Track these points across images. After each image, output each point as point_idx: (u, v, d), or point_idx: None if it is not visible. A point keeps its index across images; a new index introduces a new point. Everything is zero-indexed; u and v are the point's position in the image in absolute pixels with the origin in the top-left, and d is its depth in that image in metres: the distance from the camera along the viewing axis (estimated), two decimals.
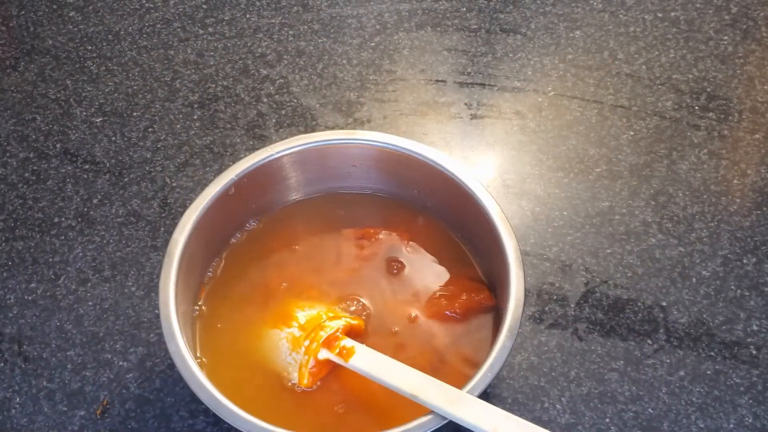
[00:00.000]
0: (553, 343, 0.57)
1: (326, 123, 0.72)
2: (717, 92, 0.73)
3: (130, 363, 0.56)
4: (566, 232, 0.63)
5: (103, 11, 0.83)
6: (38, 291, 0.60)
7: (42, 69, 0.77)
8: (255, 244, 0.57)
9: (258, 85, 0.75)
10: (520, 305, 0.47)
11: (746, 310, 0.58)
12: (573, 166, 0.68)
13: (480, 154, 0.69)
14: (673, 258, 0.61)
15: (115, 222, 0.64)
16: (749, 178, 0.67)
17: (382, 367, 0.47)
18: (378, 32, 0.80)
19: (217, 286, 0.55)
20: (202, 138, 0.70)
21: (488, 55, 0.77)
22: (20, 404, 0.54)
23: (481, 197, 0.52)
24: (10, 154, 0.70)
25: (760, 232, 0.63)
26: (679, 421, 0.53)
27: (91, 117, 0.73)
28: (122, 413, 0.54)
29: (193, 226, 0.51)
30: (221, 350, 0.52)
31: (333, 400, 0.49)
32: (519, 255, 0.49)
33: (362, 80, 0.75)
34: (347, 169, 0.58)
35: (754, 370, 0.55)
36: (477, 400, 0.43)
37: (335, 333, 0.50)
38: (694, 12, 0.81)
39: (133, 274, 0.61)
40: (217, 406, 0.43)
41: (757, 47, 0.78)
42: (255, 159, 0.54)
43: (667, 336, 0.57)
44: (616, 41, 0.78)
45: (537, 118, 0.72)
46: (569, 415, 0.53)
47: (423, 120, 0.72)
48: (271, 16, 0.82)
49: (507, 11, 0.81)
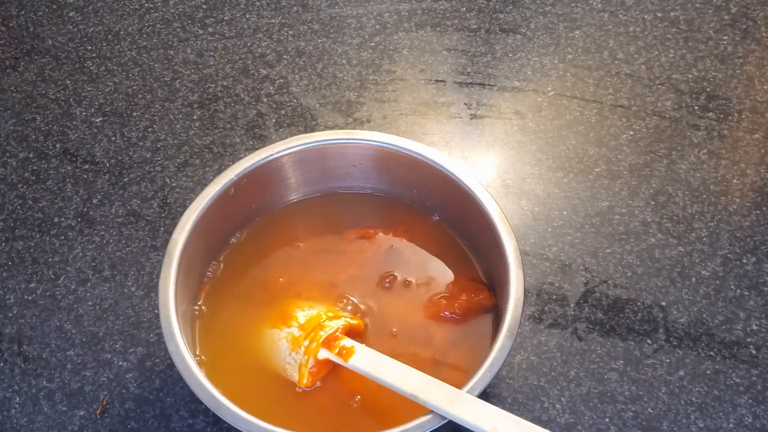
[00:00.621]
0: (552, 342, 0.57)
1: (326, 123, 0.72)
2: (716, 92, 0.73)
3: (129, 363, 0.56)
4: (566, 231, 0.63)
5: (103, 11, 0.83)
6: (38, 291, 0.60)
7: (42, 69, 0.77)
8: (255, 244, 0.57)
9: (258, 85, 0.75)
10: (519, 305, 0.47)
11: (746, 310, 0.58)
12: (573, 165, 0.68)
13: (480, 154, 0.69)
14: (672, 258, 0.61)
15: (115, 222, 0.64)
16: (749, 178, 0.67)
17: (382, 366, 0.47)
18: (378, 32, 0.80)
19: (217, 286, 0.55)
20: (202, 138, 0.70)
21: (488, 55, 0.77)
22: (20, 404, 0.54)
23: (481, 197, 0.52)
24: (10, 154, 0.70)
25: (760, 232, 0.63)
26: (678, 421, 0.53)
27: (91, 117, 0.73)
28: (122, 413, 0.54)
29: (192, 226, 0.51)
30: (221, 350, 0.52)
31: (333, 400, 0.49)
32: (519, 255, 0.49)
33: (362, 80, 0.75)
34: (347, 169, 0.58)
35: (753, 370, 0.55)
36: (477, 400, 0.43)
37: (335, 333, 0.50)
38: (694, 12, 0.81)
39: (133, 274, 0.61)
40: (217, 406, 0.43)
41: (756, 47, 0.78)
42: (255, 159, 0.54)
43: (666, 336, 0.57)
44: (616, 41, 0.78)
45: (537, 118, 0.72)
46: (569, 414, 0.53)
47: (423, 120, 0.72)
48: (271, 16, 0.82)
49: (507, 11, 0.81)
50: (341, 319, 0.51)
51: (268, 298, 0.54)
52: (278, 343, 0.51)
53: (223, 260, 0.56)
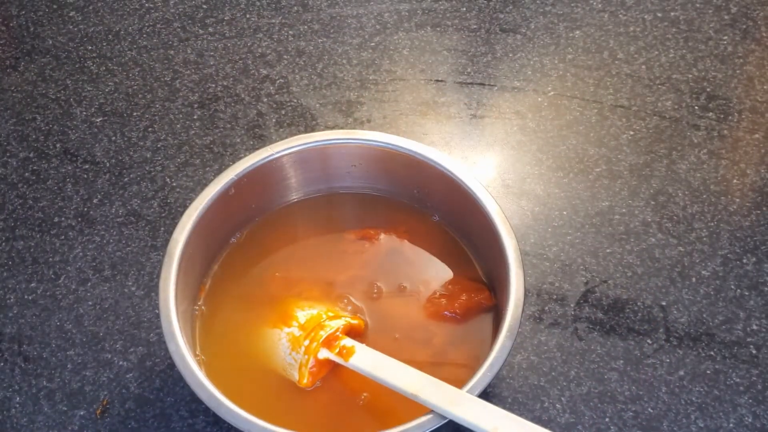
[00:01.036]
0: (552, 342, 0.57)
1: (326, 123, 0.72)
2: (717, 92, 0.73)
3: (130, 363, 0.56)
4: (566, 231, 0.63)
5: (103, 11, 0.83)
6: (38, 291, 0.60)
7: (42, 69, 0.77)
8: (255, 244, 0.57)
9: (258, 85, 0.75)
10: (519, 305, 0.47)
11: (746, 310, 0.58)
12: (573, 165, 0.68)
13: (480, 154, 0.69)
14: (672, 258, 0.61)
15: (115, 222, 0.64)
16: (749, 178, 0.67)
17: (382, 366, 0.47)
18: (378, 32, 0.80)
19: (217, 286, 0.55)
20: (202, 138, 0.70)
21: (488, 55, 0.77)
22: (20, 404, 0.54)
23: (481, 197, 0.52)
24: (10, 154, 0.70)
25: (760, 232, 0.63)
26: (678, 421, 0.53)
27: (91, 117, 0.73)
28: (122, 413, 0.54)
29: (193, 226, 0.51)
30: (221, 350, 0.52)
31: (333, 400, 0.49)
32: (519, 255, 0.49)
33: (362, 80, 0.75)
34: (347, 169, 0.58)
35: (753, 370, 0.55)
36: (477, 400, 0.43)
37: (335, 332, 0.50)
38: (694, 12, 0.81)
39: (133, 274, 0.61)
40: (217, 405, 0.43)
41: (756, 47, 0.78)
42: (255, 159, 0.54)
43: (666, 336, 0.57)
44: (616, 41, 0.78)
45: (537, 118, 0.72)
46: (569, 414, 0.53)
47: (423, 120, 0.72)
48: (271, 16, 0.82)
49: (507, 11, 0.81)
50: (341, 318, 0.51)
51: (269, 298, 0.54)
52: (278, 343, 0.51)
53: (223, 260, 0.56)
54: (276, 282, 0.55)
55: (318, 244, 0.57)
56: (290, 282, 0.55)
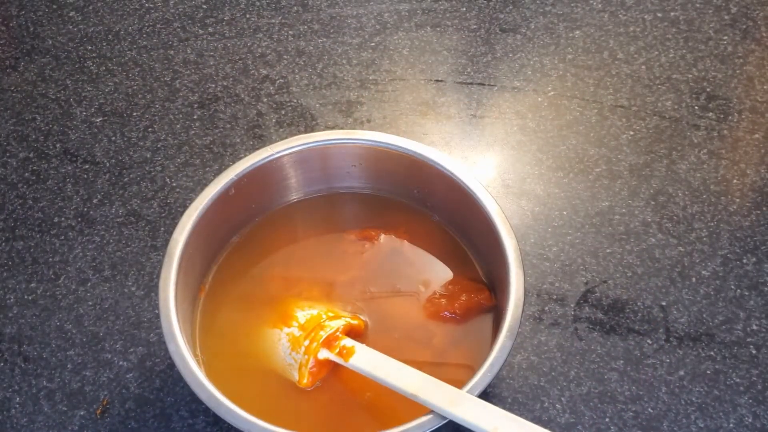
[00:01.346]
0: (552, 342, 0.57)
1: (326, 123, 0.72)
2: (716, 92, 0.73)
3: (130, 363, 0.56)
4: (566, 231, 0.63)
5: (103, 11, 0.83)
6: (38, 291, 0.60)
7: (42, 69, 0.77)
8: (255, 244, 0.57)
9: (258, 85, 0.75)
10: (519, 305, 0.47)
11: (746, 310, 0.58)
12: (573, 165, 0.68)
13: (480, 154, 0.69)
14: (672, 258, 0.61)
15: (115, 222, 0.64)
16: (749, 178, 0.67)
17: (382, 366, 0.47)
18: (378, 32, 0.80)
19: (217, 286, 0.55)
20: (202, 138, 0.70)
21: (488, 55, 0.77)
22: (20, 404, 0.54)
23: (481, 197, 0.52)
24: (10, 154, 0.70)
25: (760, 232, 0.63)
26: (678, 421, 0.53)
27: (91, 117, 0.73)
28: (122, 413, 0.54)
29: (193, 226, 0.51)
30: (221, 350, 0.52)
31: (333, 400, 0.49)
32: (519, 255, 0.49)
33: (362, 80, 0.75)
34: (347, 169, 0.58)
35: (753, 370, 0.55)
36: (477, 400, 0.43)
37: (335, 333, 0.50)
38: (694, 12, 0.81)
39: (133, 274, 0.61)
40: (217, 405, 0.43)
41: (756, 47, 0.78)
42: (255, 159, 0.54)
43: (666, 336, 0.57)
44: (616, 41, 0.78)
45: (537, 118, 0.72)
46: (569, 414, 0.53)
47: (423, 120, 0.72)
48: (271, 16, 0.82)
49: (507, 11, 0.81)
50: (341, 319, 0.51)
51: (268, 298, 0.54)
52: (278, 343, 0.51)
53: (223, 260, 0.56)
54: (276, 282, 0.55)
55: (318, 245, 0.57)
56: (290, 282, 0.55)
